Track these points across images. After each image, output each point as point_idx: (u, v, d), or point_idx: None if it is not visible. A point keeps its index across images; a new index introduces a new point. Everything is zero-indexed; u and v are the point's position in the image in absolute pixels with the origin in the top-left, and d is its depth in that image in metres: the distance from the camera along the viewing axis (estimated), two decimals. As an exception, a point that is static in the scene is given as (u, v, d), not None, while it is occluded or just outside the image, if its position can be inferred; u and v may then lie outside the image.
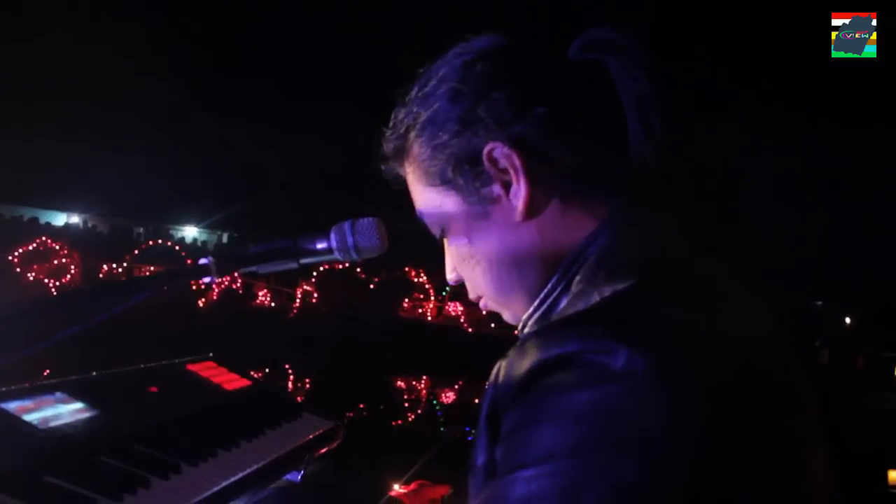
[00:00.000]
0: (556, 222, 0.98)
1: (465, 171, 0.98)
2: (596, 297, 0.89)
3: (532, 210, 0.97)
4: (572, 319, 0.88)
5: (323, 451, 1.76)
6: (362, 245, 1.16)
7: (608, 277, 0.90)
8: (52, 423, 1.28)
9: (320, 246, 1.18)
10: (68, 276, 12.74)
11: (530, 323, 1.01)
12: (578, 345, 0.78)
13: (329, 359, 11.40)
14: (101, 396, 1.43)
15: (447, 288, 11.69)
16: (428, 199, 1.04)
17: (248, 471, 1.40)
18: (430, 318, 11.17)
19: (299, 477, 1.67)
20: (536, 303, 0.99)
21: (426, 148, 1.01)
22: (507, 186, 0.97)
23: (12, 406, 1.28)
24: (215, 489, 1.29)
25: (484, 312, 1.21)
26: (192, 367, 1.80)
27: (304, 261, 1.19)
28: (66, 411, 1.34)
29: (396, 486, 1.86)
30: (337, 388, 9.84)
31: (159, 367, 1.71)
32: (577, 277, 0.94)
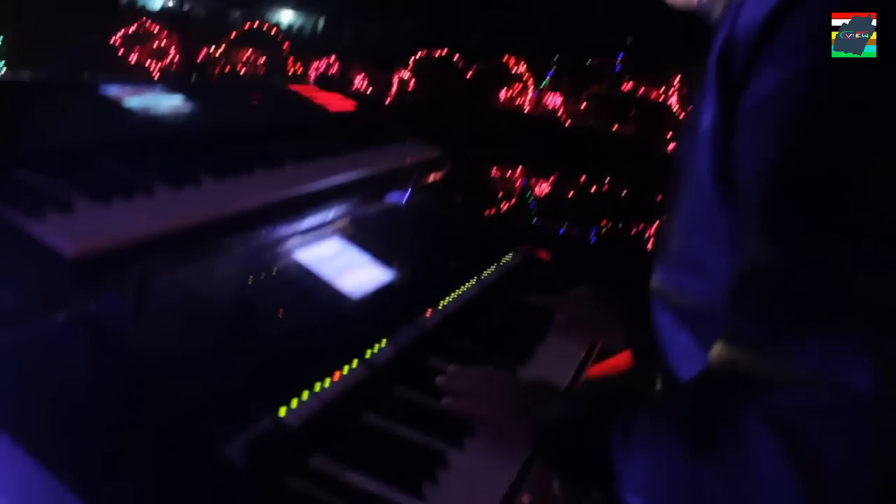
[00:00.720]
0: None
1: None
2: None
3: None
4: None
5: (429, 178, 1.69)
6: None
7: None
8: (151, 112, 1.22)
9: None
10: (168, 59, 12.84)
11: None
12: None
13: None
14: (201, 95, 1.36)
15: (546, 79, 11.27)
16: None
17: (351, 176, 1.33)
18: (527, 110, 10.89)
19: (405, 200, 1.61)
20: None
21: None
22: None
23: (114, 90, 1.22)
24: (320, 186, 1.23)
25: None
26: (294, 87, 1.72)
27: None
28: (165, 103, 1.27)
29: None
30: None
31: (260, 81, 1.63)
32: None
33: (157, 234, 0.86)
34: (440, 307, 1.28)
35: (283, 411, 0.86)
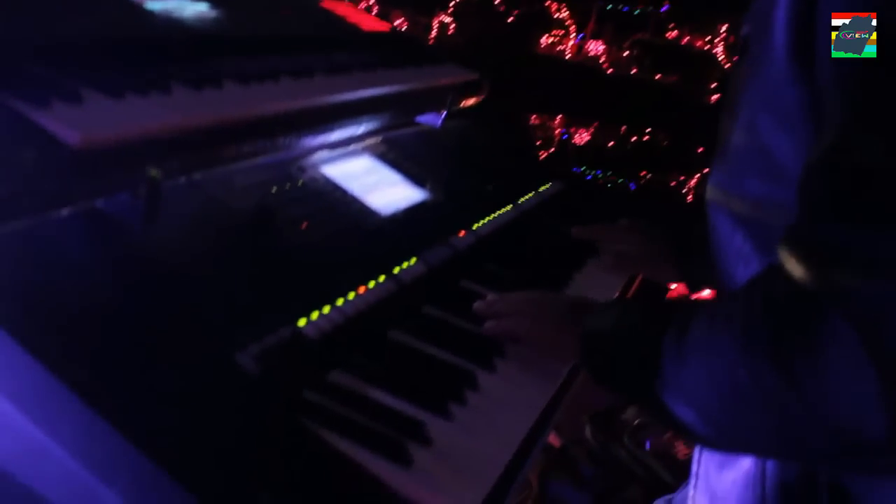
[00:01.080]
0: None
1: None
2: None
3: None
4: None
5: (466, 102, 1.61)
6: None
7: None
8: (174, 15, 1.15)
9: None
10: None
11: None
12: None
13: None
14: (227, 3, 1.29)
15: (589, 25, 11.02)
16: None
17: (384, 90, 1.26)
18: (568, 57, 10.68)
19: (440, 122, 1.54)
20: None
21: None
22: None
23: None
24: (349, 97, 1.16)
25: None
26: (327, 4, 1.64)
27: None
28: (190, 8, 1.21)
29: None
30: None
31: (290, -3, 1.55)
32: None
33: (169, 129, 0.81)
34: (474, 229, 1.22)
35: (302, 322, 0.81)
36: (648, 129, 11.45)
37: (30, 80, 0.77)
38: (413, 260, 1.03)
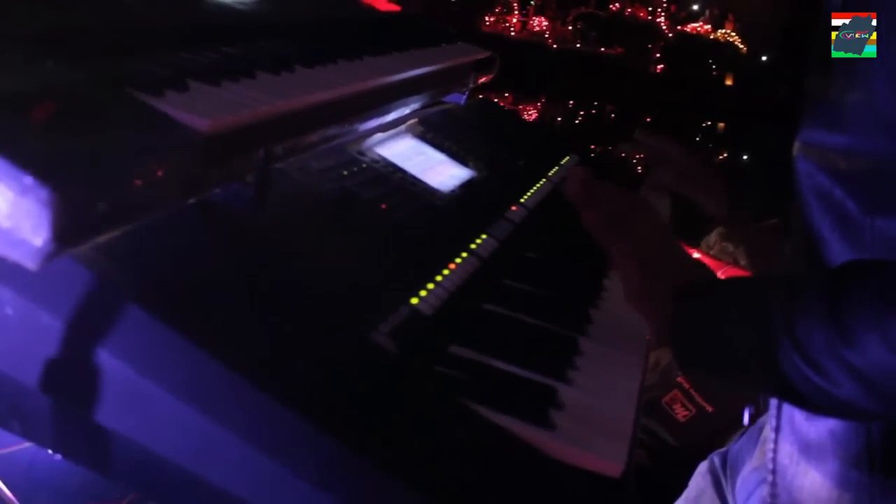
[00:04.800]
0: None
1: None
2: None
3: None
4: None
5: (481, 79, 1.62)
6: None
7: None
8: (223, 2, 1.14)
9: None
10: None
11: None
12: None
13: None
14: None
15: (532, 1, 11.05)
16: None
17: (425, 70, 1.26)
18: (513, 33, 10.72)
19: (463, 100, 1.55)
20: None
21: None
22: None
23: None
24: (400, 77, 1.16)
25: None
26: (336, -13, 1.63)
27: None
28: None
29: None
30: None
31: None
32: None
33: (275, 113, 0.80)
34: (523, 202, 1.24)
35: (414, 300, 0.82)
36: (595, 103, 11.52)
37: (131, 71, 0.76)
38: (483, 235, 1.05)
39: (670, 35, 10.82)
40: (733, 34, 11.01)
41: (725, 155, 8.38)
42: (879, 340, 0.64)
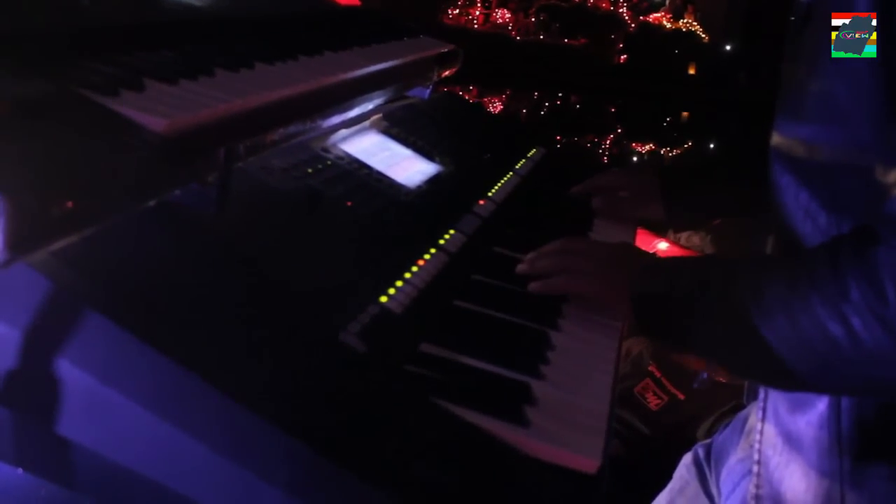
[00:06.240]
0: None
1: None
2: None
3: None
4: None
5: (446, 72, 1.61)
6: None
7: None
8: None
9: None
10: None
11: None
12: None
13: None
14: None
15: (494, -6, 11.04)
16: None
17: (386, 64, 1.25)
18: (476, 26, 10.72)
19: (427, 94, 1.54)
20: None
21: None
22: None
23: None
24: (362, 72, 1.15)
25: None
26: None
27: None
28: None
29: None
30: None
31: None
32: None
33: (235, 112, 0.79)
34: (490, 196, 1.23)
35: (383, 299, 0.81)
36: (560, 94, 11.57)
37: (86, 71, 0.74)
38: (451, 231, 1.04)
39: (633, 25, 10.89)
40: (695, 24, 11.11)
41: (689, 144, 8.46)
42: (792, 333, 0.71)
